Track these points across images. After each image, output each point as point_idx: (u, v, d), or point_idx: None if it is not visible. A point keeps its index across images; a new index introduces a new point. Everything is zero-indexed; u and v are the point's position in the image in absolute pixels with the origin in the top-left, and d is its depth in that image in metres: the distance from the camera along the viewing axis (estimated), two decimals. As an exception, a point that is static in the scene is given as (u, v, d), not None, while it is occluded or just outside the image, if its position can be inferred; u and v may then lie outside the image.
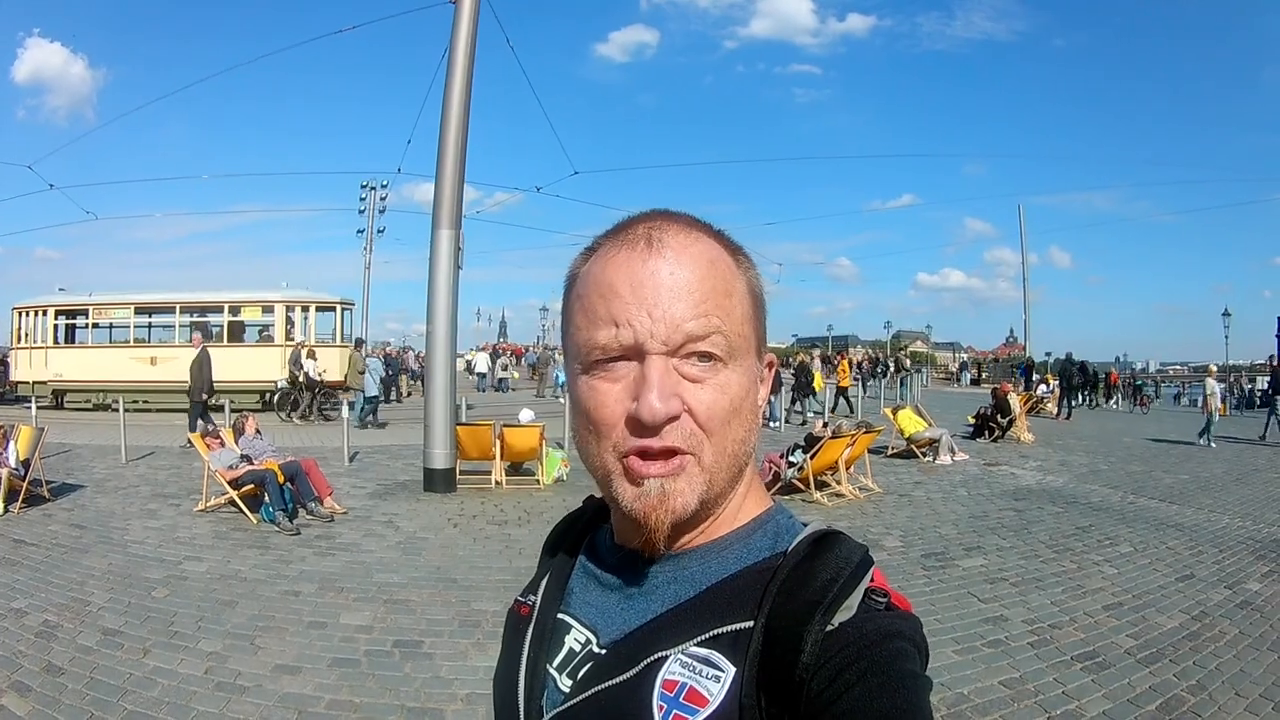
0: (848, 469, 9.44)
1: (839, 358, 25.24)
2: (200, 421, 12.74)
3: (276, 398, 18.75)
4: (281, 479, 7.66)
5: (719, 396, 0.69)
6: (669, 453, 0.68)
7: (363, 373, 16.94)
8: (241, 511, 7.63)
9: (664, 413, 0.66)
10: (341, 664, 4.32)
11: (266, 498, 7.57)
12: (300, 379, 18.04)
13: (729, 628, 0.66)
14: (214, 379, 13.35)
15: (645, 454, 0.68)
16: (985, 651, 4.56)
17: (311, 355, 18.14)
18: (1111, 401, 27.68)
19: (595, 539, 0.84)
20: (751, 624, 0.65)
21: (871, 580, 0.66)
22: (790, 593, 0.65)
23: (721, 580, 0.70)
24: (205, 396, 13.09)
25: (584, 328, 0.70)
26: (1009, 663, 4.39)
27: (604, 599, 0.77)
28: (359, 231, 37.11)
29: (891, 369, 31.92)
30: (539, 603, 0.82)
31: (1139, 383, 28.60)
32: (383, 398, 17.37)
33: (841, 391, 20.07)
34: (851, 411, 18.20)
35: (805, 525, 0.74)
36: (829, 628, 0.62)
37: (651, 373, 0.67)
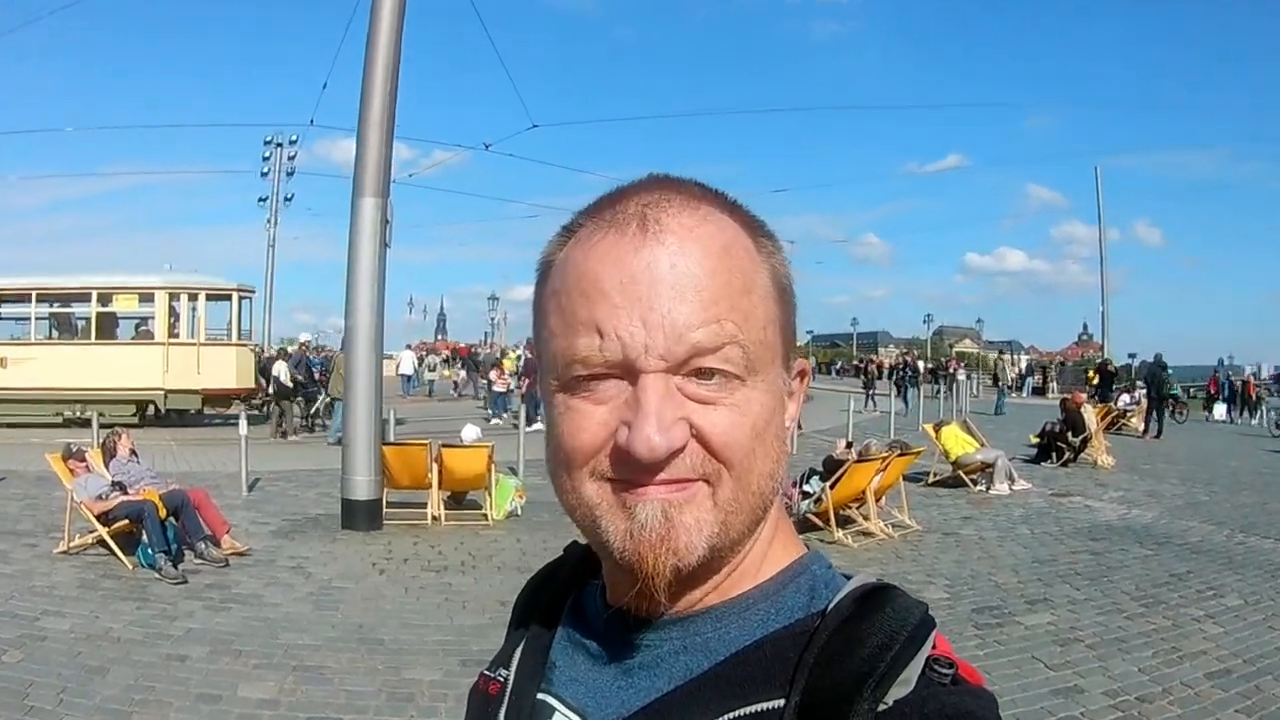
0: (878, 501, 9.53)
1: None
2: None
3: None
4: (163, 513, 7.61)
5: (738, 419, 0.67)
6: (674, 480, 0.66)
7: None
8: (113, 554, 7.58)
9: (665, 447, 0.64)
10: (239, 749, 4.29)
11: (145, 536, 7.50)
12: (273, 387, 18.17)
13: (753, 708, 0.65)
14: (60, 386, 13.11)
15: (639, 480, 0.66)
16: (1055, 731, 4.58)
17: (284, 356, 18.11)
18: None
19: (581, 599, 0.83)
20: (782, 702, 0.64)
21: (934, 647, 0.65)
22: (831, 662, 0.64)
23: (744, 648, 0.69)
24: None
25: (560, 334, 0.68)
26: (1086, 745, 4.42)
27: (595, 675, 0.76)
28: (261, 200, 37.35)
29: (961, 378, 31.89)
30: (512, 679, 0.81)
31: (1172, 388, 28.70)
32: None
33: None
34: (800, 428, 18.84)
35: (849, 579, 0.72)
36: (881, 706, 0.61)
37: (648, 397, 0.64)
